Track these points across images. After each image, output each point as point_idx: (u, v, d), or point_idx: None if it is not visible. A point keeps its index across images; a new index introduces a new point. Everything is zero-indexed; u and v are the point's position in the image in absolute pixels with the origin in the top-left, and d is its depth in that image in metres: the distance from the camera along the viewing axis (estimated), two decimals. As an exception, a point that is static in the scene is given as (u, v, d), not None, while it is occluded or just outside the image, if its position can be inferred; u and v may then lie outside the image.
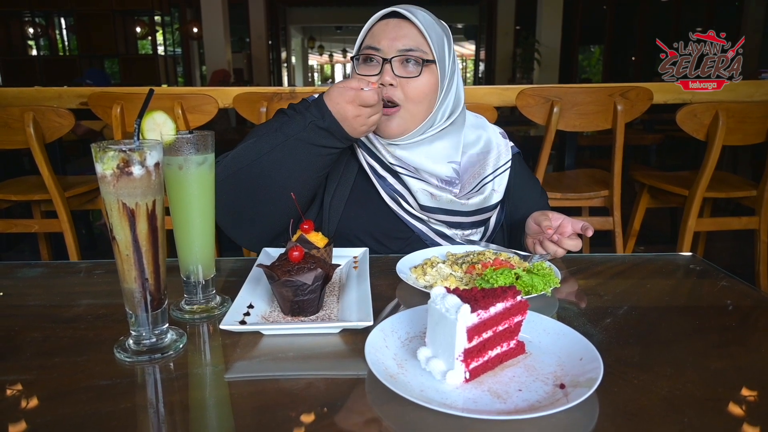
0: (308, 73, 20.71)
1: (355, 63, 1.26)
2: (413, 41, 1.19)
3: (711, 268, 1.13)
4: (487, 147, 1.34)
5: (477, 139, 1.34)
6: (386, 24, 1.21)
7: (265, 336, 0.82)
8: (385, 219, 1.27)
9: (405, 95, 1.20)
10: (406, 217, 1.26)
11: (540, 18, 9.38)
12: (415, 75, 1.19)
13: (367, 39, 1.22)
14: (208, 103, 2.48)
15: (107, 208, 0.75)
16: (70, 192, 2.61)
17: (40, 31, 10.28)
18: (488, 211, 1.29)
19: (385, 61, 1.19)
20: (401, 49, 1.18)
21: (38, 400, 0.68)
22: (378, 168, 1.26)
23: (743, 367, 0.75)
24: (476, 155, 1.32)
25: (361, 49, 1.23)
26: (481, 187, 1.29)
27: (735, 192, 2.61)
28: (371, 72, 1.21)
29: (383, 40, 1.19)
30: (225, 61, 8.90)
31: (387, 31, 1.19)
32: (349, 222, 1.26)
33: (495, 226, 1.34)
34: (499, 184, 1.31)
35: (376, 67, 1.20)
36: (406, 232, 1.27)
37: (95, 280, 1.10)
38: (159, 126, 0.84)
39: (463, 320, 0.66)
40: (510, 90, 2.54)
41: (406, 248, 1.24)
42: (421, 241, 1.27)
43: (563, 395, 0.64)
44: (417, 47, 1.19)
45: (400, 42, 1.18)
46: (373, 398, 0.67)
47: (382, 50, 1.19)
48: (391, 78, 1.18)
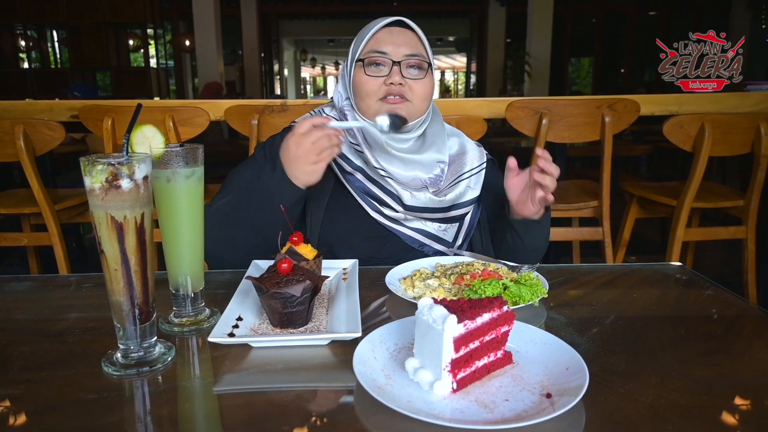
0: (301, 86, 20.78)
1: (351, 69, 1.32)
2: (416, 48, 1.30)
3: (697, 278, 1.14)
4: (462, 149, 1.43)
5: (453, 144, 1.44)
6: (390, 31, 1.30)
7: (254, 348, 0.82)
8: (361, 222, 1.32)
9: (413, 93, 1.30)
10: (382, 220, 1.31)
11: (530, 30, 9.48)
12: (422, 77, 1.31)
13: (372, 44, 1.29)
14: (200, 116, 2.49)
15: (96, 222, 0.75)
16: (60, 205, 2.60)
17: (32, 44, 10.26)
18: (463, 207, 1.36)
19: (394, 63, 1.27)
20: (407, 53, 1.28)
21: (26, 414, 0.67)
22: (358, 176, 1.31)
23: (728, 375, 0.75)
24: (454, 155, 1.41)
25: (364, 53, 1.30)
26: (458, 182, 1.36)
27: (723, 202, 2.64)
28: (379, 74, 1.29)
29: (389, 45, 1.28)
30: (217, 73, 8.92)
31: (392, 38, 1.29)
32: (327, 227, 1.31)
33: (471, 224, 1.40)
34: (475, 182, 1.38)
35: (384, 69, 1.28)
36: (382, 231, 1.32)
37: (84, 293, 1.10)
38: (148, 139, 0.84)
39: (449, 331, 0.67)
40: (499, 102, 2.57)
41: (383, 248, 1.31)
42: (399, 240, 1.32)
43: (550, 404, 0.65)
44: (420, 53, 1.30)
45: (406, 48, 1.28)
46: (362, 409, 0.67)
47: (389, 54, 1.28)
48: (400, 78, 1.28)
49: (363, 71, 1.29)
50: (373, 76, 1.28)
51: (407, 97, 1.29)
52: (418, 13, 12.50)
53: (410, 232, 1.32)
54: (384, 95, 1.28)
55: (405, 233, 1.32)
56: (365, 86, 1.29)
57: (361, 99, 1.30)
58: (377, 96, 1.29)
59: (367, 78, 1.28)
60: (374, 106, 1.30)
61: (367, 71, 1.29)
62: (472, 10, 12.30)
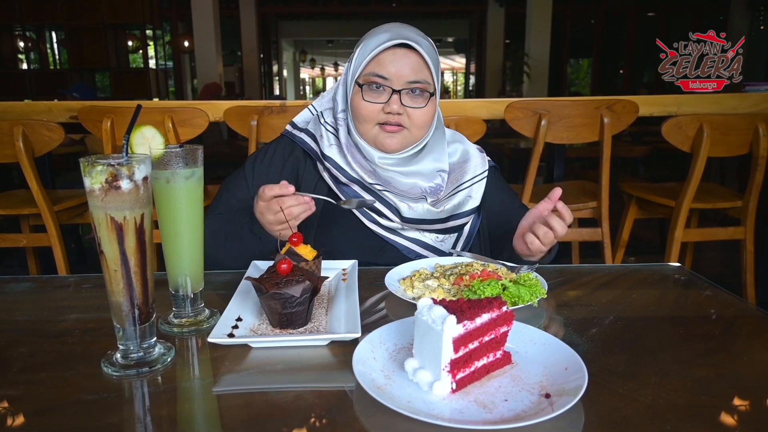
0: (300, 86, 20.78)
1: (350, 85, 1.29)
2: (420, 74, 1.24)
3: (696, 278, 1.14)
4: (465, 157, 1.39)
5: (454, 151, 1.40)
6: (393, 54, 1.23)
7: (253, 349, 0.83)
8: (357, 233, 1.30)
9: (411, 121, 1.26)
10: (378, 230, 1.29)
11: (529, 31, 9.49)
12: (422, 106, 1.26)
13: (373, 66, 1.24)
14: (199, 117, 2.49)
15: (95, 222, 0.75)
16: (59, 206, 2.59)
17: (30, 45, 10.25)
18: (462, 217, 1.32)
19: (394, 92, 1.23)
20: (410, 81, 1.23)
21: (25, 416, 0.67)
22: (355, 187, 1.29)
23: (726, 375, 0.76)
24: (455, 164, 1.37)
25: (364, 74, 1.25)
26: (457, 192, 1.32)
27: (721, 203, 2.64)
28: (378, 99, 1.25)
29: (391, 69, 1.23)
30: (216, 74, 8.92)
31: (395, 61, 1.23)
32: (321, 239, 1.29)
33: (470, 233, 1.37)
34: (476, 192, 1.35)
35: (383, 95, 1.25)
36: (378, 242, 1.30)
37: (83, 294, 1.10)
38: (148, 140, 0.84)
39: (449, 331, 0.67)
40: (498, 103, 2.57)
41: (379, 259, 1.28)
42: (396, 249, 1.30)
43: (548, 404, 0.65)
44: (423, 79, 1.24)
45: (409, 74, 1.23)
46: (361, 410, 0.67)
47: (390, 80, 1.23)
48: (398, 107, 1.24)
49: (361, 95, 1.26)
50: (372, 102, 1.25)
51: (405, 125, 1.26)
52: (417, 14, 12.51)
53: (407, 242, 1.30)
54: (382, 122, 1.26)
55: (402, 244, 1.30)
56: (363, 111, 1.26)
57: (359, 122, 1.28)
58: (375, 121, 1.26)
59: (365, 103, 1.25)
60: (372, 131, 1.27)
61: (365, 96, 1.25)
62: (471, 10, 12.30)
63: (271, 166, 1.36)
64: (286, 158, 1.36)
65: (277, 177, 1.33)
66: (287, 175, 1.35)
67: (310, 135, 1.36)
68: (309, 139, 1.35)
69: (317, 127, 1.35)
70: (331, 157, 1.30)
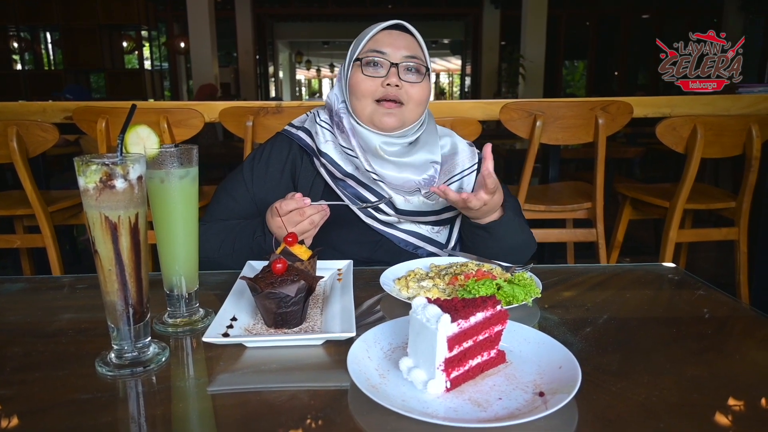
0: (296, 88, 20.77)
1: (349, 69, 1.32)
2: (414, 51, 1.31)
3: (689, 278, 1.15)
4: (454, 149, 1.42)
5: (445, 144, 1.43)
6: (389, 34, 1.31)
7: (248, 348, 0.83)
8: (353, 228, 1.32)
9: (409, 97, 1.30)
10: (375, 224, 1.31)
11: (524, 33, 9.51)
12: (419, 81, 1.31)
13: (371, 45, 1.30)
14: (194, 117, 2.48)
15: (90, 222, 0.75)
16: (53, 207, 2.58)
17: (25, 46, 10.21)
18: (455, 209, 1.33)
19: (392, 65, 1.28)
20: (406, 55, 1.29)
21: (19, 416, 0.67)
22: (350, 182, 1.30)
23: (719, 374, 0.76)
24: (446, 155, 1.40)
25: (363, 52, 1.30)
26: (449, 185, 1.34)
27: (715, 203, 2.66)
28: (377, 74, 1.29)
29: (388, 46, 1.29)
30: (212, 75, 8.90)
31: (392, 40, 1.30)
32: (318, 234, 1.28)
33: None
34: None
35: (382, 70, 1.29)
36: (375, 235, 1.32)
37: (77, 294, 1.10)
38: (143, 140, 0.84)
39: (443, 330, 0.67)
40: (494, 104, 2.58)
41: (376, 252, 1.31)
42: (392, 243, 1.32)
43: (542, 403, 0.65)
44: (418, 56, 1.31)
45: (405, 50, 1.29)
46: (356, 409, 0.67)
47: (387, 54, 1.28)
48: (397, 80, 1.28)
49: (360, 71, 1.30)
50: (371, 76, 1.29)
51: (402, 100, 1.30)
52: (413, 16, 12.51)
53: (403, 235, 1.32)
54: (380, 97, 1.29)
55: (398, 236, 1.32)
56: (362, 86, 1.29)
57: (357, 99, 1.31)
58: (373, 97, 1.29)
59: (364, 77, 1.29)
60: (369, 108, 1.30)
61: (364, 71, 1.29)
62: (466, 12, 12.34)
63: (270, 165, 1.38)
64: (284, 157, 1.38)
65: (278, 176, 1.36)
66: (288, 173, 1.37)
67: (306, 132, 1.38)
68: (306, 136, 1.38)
69: (313, 125, 1.38)
70: (327, 153, 1.32)
